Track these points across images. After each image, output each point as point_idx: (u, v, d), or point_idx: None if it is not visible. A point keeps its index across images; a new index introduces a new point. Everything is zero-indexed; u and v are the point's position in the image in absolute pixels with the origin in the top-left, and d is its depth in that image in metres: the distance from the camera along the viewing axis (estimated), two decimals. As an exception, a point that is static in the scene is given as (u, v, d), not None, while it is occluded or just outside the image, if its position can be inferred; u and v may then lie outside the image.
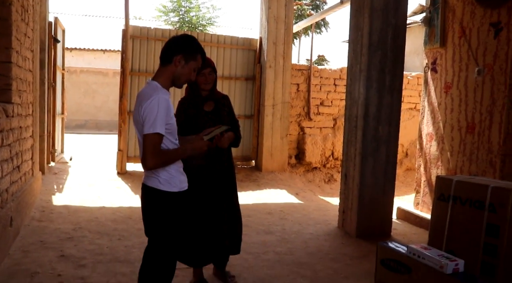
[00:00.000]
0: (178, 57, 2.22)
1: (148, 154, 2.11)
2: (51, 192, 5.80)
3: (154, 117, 2.09)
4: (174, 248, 2.33)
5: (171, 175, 2.24)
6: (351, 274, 3.53)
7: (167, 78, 2.25)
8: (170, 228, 2.28)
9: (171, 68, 2.24)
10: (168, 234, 2.29)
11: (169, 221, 2.27)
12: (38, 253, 3.62)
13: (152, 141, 2.11)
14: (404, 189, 7.53)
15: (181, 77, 2.26)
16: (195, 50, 2.26)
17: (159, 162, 2.16)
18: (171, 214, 2.27)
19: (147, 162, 2.13)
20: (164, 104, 2.13)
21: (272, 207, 5.84)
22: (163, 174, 2.23)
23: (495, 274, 2.43)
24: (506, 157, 4.30)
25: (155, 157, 2.12)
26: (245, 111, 7.85)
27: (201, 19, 17.91)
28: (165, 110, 2.13)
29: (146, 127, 2.10)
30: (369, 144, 4.44)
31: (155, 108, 2.10)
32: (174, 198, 2.26)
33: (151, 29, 7.32)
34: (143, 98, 2.18)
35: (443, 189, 2.82)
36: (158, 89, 2.18)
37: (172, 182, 2.25)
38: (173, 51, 2.23)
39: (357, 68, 4.52)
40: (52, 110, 7.40)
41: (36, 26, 5.44)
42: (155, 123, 2.09)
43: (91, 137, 13.86)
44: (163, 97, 2.14)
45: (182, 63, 2.23)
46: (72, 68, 17.36)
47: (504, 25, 4.29)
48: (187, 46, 2.25)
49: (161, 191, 2.23)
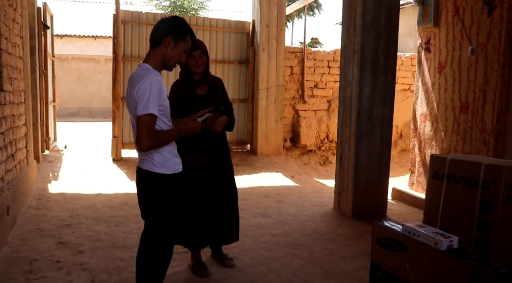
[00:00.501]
0: (167, 39, 2.20)
1: (142, 135, 2.10)
2: (46, 180, 5.79)
3: (147, 99, 2.08)
4: (170, 230, 2.34)
5: (165, 158, 2.25)
6: (348, 254, 3.58)
7: (157, 61, 2.24)
8: (166, 210, 2.29)
9: (161, 50, 2.22)
10: (164, 216, 2.30)
11: (165, 203, 2.28)
12: (36, 241, 3.64)
13: (146, 122, 2.10)
14: (399, 169, 7.59)
15: (171, 59, 2.25)
16: (184, 31, 2.25)
17: (154, 143, 2.15)
18: (166, 196, 2.28)
19: (141, 143, 2.12)
20: (156, 86, 2.12)
21: (268, 190, 5.87)
22: (157, 157, 2.22)
23: (488, 250, 2.46)
24: (500, 135, 4.33)
25: (149, 138, 2.11)
26: (239, 95, 7.83)
27: (193, 3, 17.67)
28: (157, 92, 2.12)
29: (139, 108, 2.09)
30: (363, 125, 4.45)
31: (148, 89, 2.09)
32: (168, 180, 2.26)
33: (142, 13, 7.22)
34: (135, 80, 2.16)
35: (437, 168, 2.84)
36: (150, 71, 2.17)
37: (166, 164, 2.25)
38: (163, 33, 2.21)
39: (351, 49, 4.49)
40: (45, 98, 7.33)
41: (24, 12, 5.35)
42: (148, 104, 2.08)
43: (85, 125, 13.79)
44: (155, 78, 2.13)
45: (171, 45, 2.22)
46: (63, 56, 17.15)
47: (497, 3, 4.28)
48: (176, 27, 2.24)
49: (155, 174, 2.23)
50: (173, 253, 3.41)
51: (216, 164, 3.10)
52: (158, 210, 2.29)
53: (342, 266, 3.34)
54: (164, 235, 2.33)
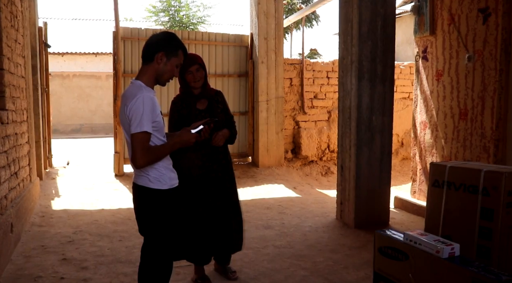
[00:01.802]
0: (159, 54, 2.22)
1: (138, 152, 2.12)
2: (49, 197, 5.81)
3: (140, 116, 2.10)
4: (168, 245, 2.34)
5: (160, 173, 2.25)
6: (351, 264, 3.57)
7: (150, 77, 2.26)
8: (163, 225, 2.30)
9: (153, 66, 2.24)
10: (162, 231, 2.30)
11: (161, 218, 2.28)
12: (40, 258, 3.64)
13: (140, 140, 2.12)
14: (401, 178, 7.58)
15: (163, 75, 2.26)
16: (175, 46, 2.26)
17: (149, 159, 2.17)
18: (162, 212, 2.28)
19: (137, 160, 2.14)
20: (149, 103, 2.13)
21: (271, 201, 5.87)
22: (152, 172, 2.23)
23: (490, 256, 2.47)
24: (499, 142, 4.35)
25: (144, 154, 2.13)
26: (240, 108, 7.87)
27: (192, 18, 17.86)
28: (150, 109, 2.13)
29: (133, 126, 2.12)
30: (363, 134, 4.47)
31: (140, 107, 2.11)
32: (164, 195, 2.27)
33: (142, 29, 7.31)
34: (127, 98, 2.18)
35: (437, 175, 2.86)
36: (142, 88, 2.19)
37: (162, 180, 2.25)
38: (154, 49, 2.23)
39: (348, 60, 4.54)
40: (47, 116, 7.39)
41: (26, 32, 5.43)
42: (142, 122, 2.10)
43: (87, 141, 13.84)
44: (147, 96, 2.14)
45: (164, 60, 2.23)
46: (65, 73, 17.31)
47: (492, 11, 4.33)
48: (167, 43, 2.25)
49: (151, 189, 2.24)
50: (177, 266, 3.42)
51: (217, 177, 3.11)
52: (155, 225, 2.29)
53: (346, 276, 3.33)
54: (162, 250, 2.33)
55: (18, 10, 4.85)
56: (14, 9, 4.55)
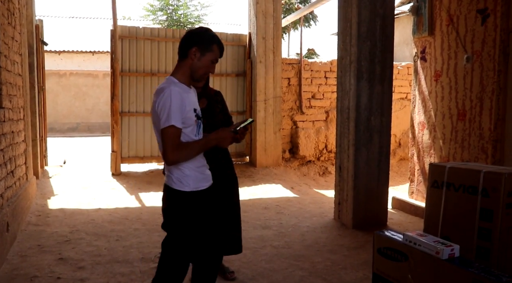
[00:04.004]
0: (193, 49, 2.16)
1: (167, 148, 2.05)
2: (46, 196, 5.78)
3: (168, 110, 2.04)
4: (184, 246, 2.26)
5: (184, 174, 2.16)
6: (349, 264, 3.56)
7: (184, 73, 2.19)
8: (182, 226, 2.22)
9: (187, 62, 2.18)
10: (180, 232, 2.23)
11: (181, 219, 2.20)
12: (36, 257, 3.62)
13: (170, 134, 2.05)
14: (399, 178, 7.59)
15: (198, 70, 2.19)
16: (210, 41, 2.20)
17: (180, 156, 2.09)
18: (182, 213, 2.19)
19: (167, 156, 2.07)
20: (177, 96, 2.06)
21: (268, 201, 5.86)
22: (176, 172, 2.16)
23: (490, 257, 2.46)
24: (498, 142, 4.35)
25: (174, 150, 2.06)
26: (237, 108, 7.85)
27: (190, 17, 17.83)
28: (178, 103, 2.06)
29: (162, 121, 2.05)
30: (361, 134, 4.46)
31: (168, 101, 2.04)
32: (185, 197, 2.17)
33: (140, 28, 7.28)
34: (157, 93, 2.12)
35: (436, 176, 2.85)
36: (172, 83, 2.13)
37: (184, 181, 2.16)
38: (188, 44, 2.17)
39: (347, 60, 4.53)
40: (44, 114, 7.35)
41: (23, 30, 5.40)
42: (170, 116, 2.03)
43: (84, 140, 13.79)
44: (174, 89, 2.08)
45: (197, 55, 2.17)
46: (61, 71, 17.24)
47: (490, 12, 4.33)
48: (201, 37, 2.19)
49: (173, 189, 2.18)
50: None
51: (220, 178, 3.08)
52: (175, 225, 2.23)
53: (344, 277, 3.32)
54: (178, 249, 2.26)
55: (15, 7, 4.82)
56: (11, 6, 4.51)
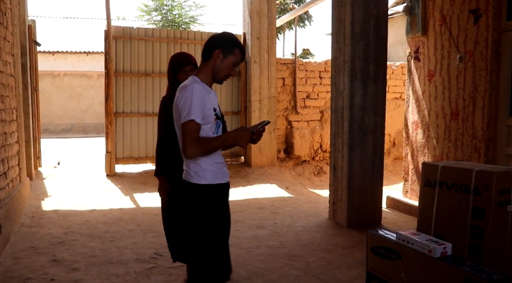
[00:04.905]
0: (216, 51, 2.25)
1: (187, 142, 2.13)
2: (40, 197, 5.75)
3: (189, 105, 2.12)
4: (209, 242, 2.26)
5: (201, 168, 2.22)
6: (344, 264, 3.57)
7: (207, 73, 2.29)
8: (204, 222, 2.24)
9: (210, 63, 2.28)
10: (203, 228, 2.24)
11: (200, 213, 2.23)
12: (29, 259, 3.60)
13: (189, 129, 2.13)
14: (393, 178, 7.62)
15: (220, 72, 2.29)
16: (233, 44, 2.29)
17: (199, 150, 2.16)
18: (200, 206, 2.23)
19: (186, 150, 2.14)
20: (199, 93, 2.16)
21: (263, 201, 5.87)
22: (193, 166, 2.23)
23: (482, 255, 2.48)
24: (490, 142, 4.38)
25: (193, 144, 2.13)
26: (232, 108, 7.85)
27: (184, 17, 17.79)
28: (200, 99, 2.15)
29: (183, 116, 2.14)
30: (356, 134, 4.48)
31: (190, 96, 2.13)
32: (202, 190, 2.22)
33: (134, 28, 7.26)
34: (179, 90, 2.22)
35: (429, 175, 2.87)
36: (194, 81, 2.22)
37: (202, 175, 2.22)
38: (212, 46, 2.27)
39: (341, 59, 4.54)
40: (37, 115, 7.31)
41: (15, 30, 5.37)
42: (190, 111, 2.12)
43: (78, 141, 13.74)
44: (196, 86, 2.17)
45: (220, 57, 2.26)
46: (55, 72, 17.17)
47: (482, 12, 4.36)
48: (225, 41, 2.29)
49: (191, 184, 2.24)
50: (169, 267, 3.41)
51: None
52: (198, 222, 2.25)
53: (338, 276, 3.33)
54: (203, 245, 2.26)
55: (7, 7, 4.79)
56: (2, 6, 4.49)
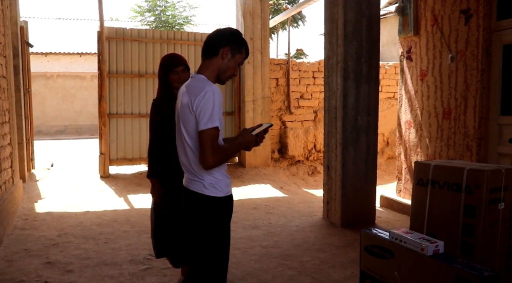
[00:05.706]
0: (225, 49, 2.04)
1: (208, 151, 1.91)
2: (33, 199, 5.72)
3: (211, 111, 1.91)
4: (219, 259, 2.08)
5: (216, 179, 2.03)
6: (338, 263, 3.59)
7: (212, 72, 2.05)
8: (218, 236, 2.07)
9: (217, 61, 2.05)
10: (214, 241, 2.06)
11: (216, 229, 2.05)
12: (23, 261, 3.58)
13: (211, 137, 1.92)
14: (387, 177, 7.66)
15: (226, 71, 2.08)
16: (241, 43, 2.10)
17: (219, 159, 1.96)
18: (217, 221, 2.05)
19: (208, 160, 1.92)
20: (219, 97, 1.94)
21: (257, 202, 5.88)
22: (208, 178, 2.02)
23: (474, 253, 2.50)
24: (482, 140, 4.42)
25: (215, 153, 1.92)
26: (226, 108, 7.86)
27: (178, 18, 17.77)
28: (219, 104, 1.95)
29: (203, 122, 1.91)
30: (349, 133, 4.50)
31: (211, 100, 1.91)
32: (220, 203, 2.04)
33: (127, 29, 7.25)
34: (193, 92, 1.97)
35: (422, 174, 2.89)
36: (208, 82, 2.00)
37: (218, 186, 2.03)
38: (220, 42, 2.05)
39: (334, 60, 4.57)
40: (30, 117, 7.27)
41: (7, 31, 5.34)
42: (213, 117, 1.91)
43: (72, 142, 13.67)
44: (216, 90, 1.95)
45: (228, 56, 2.05)
46: (48, 73, 17.08)
47: (473, 12, 4.40)
48: (234, 38, 2.09)
49: (206, 196, 2.02)
50: (164, 268, 3.41)
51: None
52: (209, 236, 2.05)
53: (333, 275, 3.35)
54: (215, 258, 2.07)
55: (-1, 9, 4.77)
56: (-5, 9, 4.47)
